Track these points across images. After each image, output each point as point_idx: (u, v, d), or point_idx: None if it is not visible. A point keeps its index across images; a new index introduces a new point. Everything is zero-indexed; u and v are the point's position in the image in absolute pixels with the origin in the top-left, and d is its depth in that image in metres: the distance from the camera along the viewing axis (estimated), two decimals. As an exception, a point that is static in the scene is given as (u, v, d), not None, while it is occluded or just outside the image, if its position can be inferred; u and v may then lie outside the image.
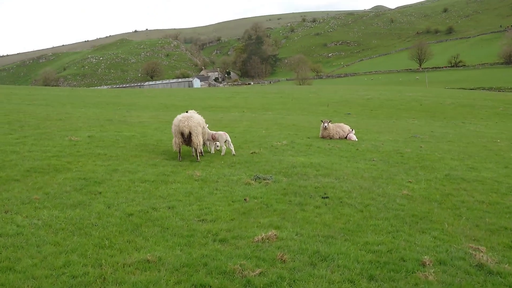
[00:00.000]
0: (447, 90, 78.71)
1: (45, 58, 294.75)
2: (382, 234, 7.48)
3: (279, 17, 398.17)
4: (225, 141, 14.22)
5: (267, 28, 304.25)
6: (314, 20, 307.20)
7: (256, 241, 6.87)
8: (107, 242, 6.67)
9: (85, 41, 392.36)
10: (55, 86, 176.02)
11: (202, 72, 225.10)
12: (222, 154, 14.08)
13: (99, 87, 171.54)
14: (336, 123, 20.66)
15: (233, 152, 14.25)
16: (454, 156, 15.78)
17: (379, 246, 6.89)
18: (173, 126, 13.35)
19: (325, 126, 19.70)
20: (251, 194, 9.56)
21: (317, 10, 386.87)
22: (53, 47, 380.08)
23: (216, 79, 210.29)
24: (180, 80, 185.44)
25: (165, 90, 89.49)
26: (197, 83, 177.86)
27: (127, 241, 6.77)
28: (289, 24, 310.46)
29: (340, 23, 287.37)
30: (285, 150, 15.76)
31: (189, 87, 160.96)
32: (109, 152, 13.52)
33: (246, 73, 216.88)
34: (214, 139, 14.36)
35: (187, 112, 14.89)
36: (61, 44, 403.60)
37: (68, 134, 16.37)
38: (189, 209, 8.48)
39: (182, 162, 12.74)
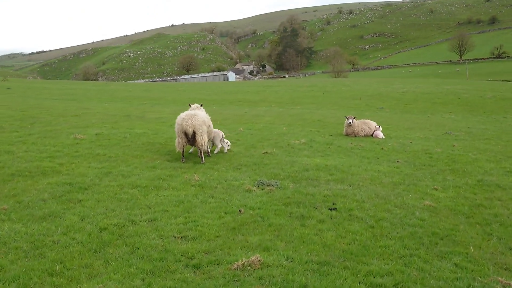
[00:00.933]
0: (488, 83, 74.93)
1: (85, 53, 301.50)
2: (392, 260, 6.22)
3: (315, 9, 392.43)
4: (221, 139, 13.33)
5: (303, 20, 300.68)
6: (350, 12, 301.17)
7: (234, 269, 5.75)
8: (59, 267, 5.70)
9: (124, 35, 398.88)
10: (94, 80, 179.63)
11: (237, 66, 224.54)
12: (215, 151, 13.26)
13: (136, 81, 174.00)
14: (362, 120, 19.22)
15: (225, 150, 13.47)
16: (490, 157, 14.14)
17: (385, 277, 5.65)
18: (176, 126, 12.29)
19: (350, 122, 18.32)
20: (248, 204, 8.45)
21: (354, 2, 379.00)
22: (93, 42, 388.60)
23: (251, 73, 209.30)
24: (215, 73, 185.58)
25: (197, 84, 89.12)
26: (231, 76, 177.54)
27: (83, 266, 5.79)
28: (325, 16, 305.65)
29: (377, 15, 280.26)
30: (302, 149, 14.53)
31: (224, 80, 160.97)
32: (109, 152, 12.67)
33: (281, 66, 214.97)
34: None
35: (190, 106, 13.93)
36: (101, 39, 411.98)
37: (76, 132, 15.66)
38: (172, 222, 7.44)
39: (184, 164, 11.73)
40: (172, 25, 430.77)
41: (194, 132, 11.92)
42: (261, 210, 8.17)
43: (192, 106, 14.20)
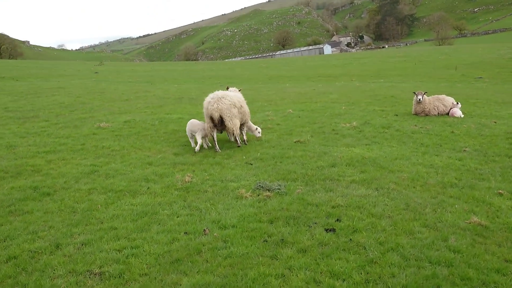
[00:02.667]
0: None
1: (186, 34, 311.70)
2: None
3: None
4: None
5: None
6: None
7: None
8: None
9: (222, 14, 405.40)
10: (194, 60, 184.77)
11: (334, 38, 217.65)
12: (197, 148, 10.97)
13: (233, 59, 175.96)
14: (435, 96, 16.01)
15: (205, 146, 11.24)
16: None
17: None
18: (204, 110, 10.91)
19: (419, 99, 15.30)
20: (224, 219, 6.49)
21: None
22: (194, 23, 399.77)
23: (348, 44, 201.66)
24: (310, 47, 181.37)
25: (281, 60, 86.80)
26: (327, 49, 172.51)
27: None
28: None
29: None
30: (346, 136, 12.09)
31: (319, 54, 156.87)
32: (118, 144, 11.36)
33: (380, 36, 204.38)
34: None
35: (227, 89, 12.39)
36: (201, 20, 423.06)
37: (106, 119, 14.67)
38: (106, 248, 5.73)
39: (189, 159, 9.98)
40: (269, 1, 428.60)
41: (221, 117, 10.52)
42: (233, 229, 6.16)
43: (230, 89, 12.35)
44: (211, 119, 10.57)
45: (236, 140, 11.26)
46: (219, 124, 10.66)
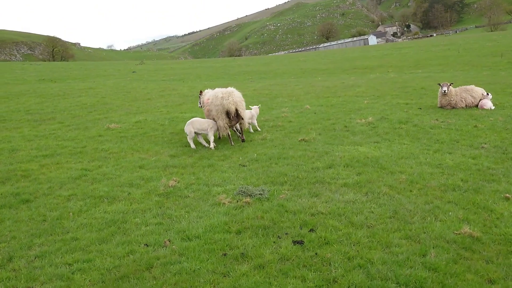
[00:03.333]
0: None
1: (230, 30, 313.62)
2: None
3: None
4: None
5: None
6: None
7: None
8: None
9: (266, 9, 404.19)
10: (238, 56, 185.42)
11: (379, 28, 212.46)
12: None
13: (276, 54, 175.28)
14: (463, 86, 14.90)
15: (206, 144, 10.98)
16: None
17: None
18: (213, 107, 10.77)
19: (444, 91, 14.27)
20: (189, 230, 6.07)
21: None
22: (237, 19, 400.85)
23: (394, 34, 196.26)
24: (355, 39, 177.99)
25: (321, 52, 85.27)
26: (372, 40, 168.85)
27: None
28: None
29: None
30: (357, 133, 11.38)
31: (364, 45, 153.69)
32: (116, 146, 11.19)
33: (428, 24, 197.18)
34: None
35: (200, 92, 12.36)
36: (244, 15, 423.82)
37: (118, 120, 14.61)
38: (53, 261, 5.43)
39: (184, 161, 9.61)
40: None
41: (236, 110, 10.59)
42: (196, 241, 5.72)
43: (229, 88, 12.03)
44: (227, 113, 10.52)
45: (242, 134, 11.32)
46: (235, 117, 10.66)
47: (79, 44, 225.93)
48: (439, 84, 14.66)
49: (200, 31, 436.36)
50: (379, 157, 8.94)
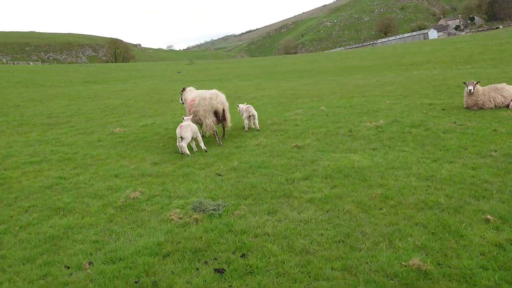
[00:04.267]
0: None
1: (286, 28, 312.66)
2: None
3: None
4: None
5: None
6: None
7: None
8: None
9: (323, 5, 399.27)
10: (294, 53, 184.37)
11: (441, 22, 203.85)
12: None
13: (332, 50, 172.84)
14: (493, 85, 13.52)
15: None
16: None
17: None
18: (201, 107, 11.16)
19: (469, 90, 13.03)
20: (119, 251, 5.61)
21: None
22: (294, 16, 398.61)
23: (457, 27, 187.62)
24: (414, 33, 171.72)
25: (371, 49, 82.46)
26: (433, 34, 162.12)
27: None
28: None
29: None
30: (358, 138, 10.53)
31: (424, 39, 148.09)
32: (106, 152, 11.06)
33: (494, 16, 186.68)
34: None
35: (183, 89, 12.58)
36: (301, 12, 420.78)
37: (126, 124, 14.50)
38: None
39: (163, 169, 9.19)
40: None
41: (223, 110, 11.26)
42: (117, 264, 5.26)
43: (188, 88, 12.70)
44: (215, 113, 11.08)
45: (223, 135, 11.90)
46: (222, 117, 11.25)
47: (140, 45, 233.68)
48: (464, 82, 13.42)
49: (257, 29, 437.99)
50: (366, 167, 8.11)
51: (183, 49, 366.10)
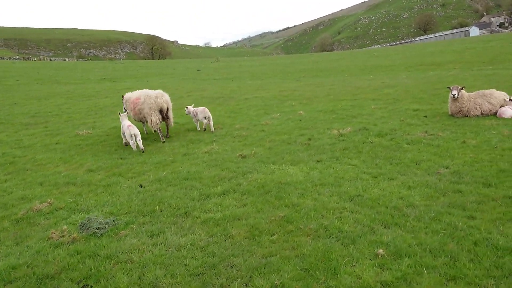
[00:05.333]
0: None
1: (323, 25, 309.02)
2: None
3: None
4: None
5: None
6: None
7: None
8: None
9: (362, 2, 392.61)
10: (330, 51, 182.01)
11: (484, 19, 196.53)
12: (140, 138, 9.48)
13: (368, 48, 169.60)
14: (480, 91, 12.44)
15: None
16: None
17: None
18: (146, 105, 11.69)
19: (453, 95, 12.03)
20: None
21: None
22: (332, 13, 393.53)
23: (500, 25, 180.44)
24: (455, 31, 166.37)
25: (399, 47, 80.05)
26: (474, 31, 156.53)
27: None
28: None
29: None
30: (311, 148, 9.82)
31: (465, 37, 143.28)
32: (49, 156, 10.75)
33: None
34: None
35: (123, 96, 12.90)
36: (339, 9, 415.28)
37: (97, 126, 14.22)
38: None
39: (93, 177, 8.75)
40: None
41: (167, 108, 11.90)
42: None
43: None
44: (161, 111, 11.70)
45: (167, 133, 12.39)
46: (166, 116, 11.92)
47: (177, 42, 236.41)
48: (448, 87, 12.40)
49: (294, 26, 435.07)
50: (293, 183, 7.41)
51: (220, 46, 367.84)
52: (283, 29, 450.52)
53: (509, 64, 29.15)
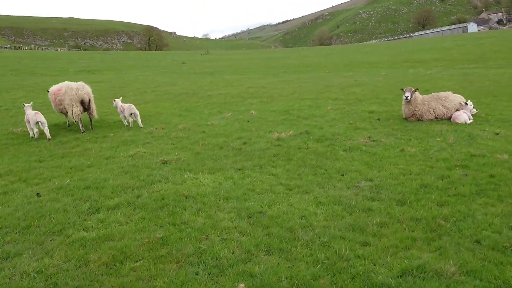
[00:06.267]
0: None
1: (322, 18, 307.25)
2: None
3: None
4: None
5: None
6: None
7: None
8: None
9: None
10: (328, 45, 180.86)
11: (482, 15, 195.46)
12: None
13: (366, 42, 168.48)
14: (435, 94, 11.82)
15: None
16: None
17: None
18: (66, 96, 11.95)
19: (406, 97, 11.40)
20: None
21: None
22: (332, 7, 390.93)
23: (499, 21, 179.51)
24: (453, 27, 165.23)
25: (391, 43, 79.25)
26: (472, 28, 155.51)
27: None
28: None
29: None
30: (241, 154, 9.17)
31: (463, 33, 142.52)
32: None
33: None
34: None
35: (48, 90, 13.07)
36: (339, 3, 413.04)
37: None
38: None
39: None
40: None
41: (89, 100, 12.15)
42: None
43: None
44: (82, 102, 11.94)
45: (91, 124, 12.53)
46: (87, 107, 12.14)
47: (174, 33, 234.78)
48: (402, 89, 11.74)
49: (294, 19, 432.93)
50: (198, 195, 6.78)
51: (219, 38, 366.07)
52: (283, 22, 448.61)
53: (493, 63, 28.52)
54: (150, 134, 11.46)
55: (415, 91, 11.42)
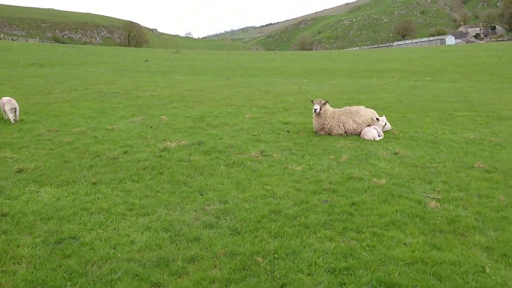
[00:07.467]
0: None
1: (305, 23, 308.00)
2: None
3: None
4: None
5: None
6: None
7: None
8: None
9: (345, 3, 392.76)
10: (309, 50, 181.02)
11: (461, 28, 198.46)
12: None
13: (346, 50, 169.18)
14: (347, 107, 11.22)
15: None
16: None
17: None
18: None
19: (315, 110, 10.74)
20: None
21: None
22: (315, 12, 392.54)
23: (476, 36, 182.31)
24: (431, 38, 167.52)
25: (364, 52, 79.58)
26: (450, 40, 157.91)
27: None
28: None
29: None
30: (110, 165, 8.35)
31: (441, 44, 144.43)
32: None
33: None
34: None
35: None
36: (323, 9, 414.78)
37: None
38: None
39: None
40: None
41: None
42: None
43: None
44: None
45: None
46: None
47: (156, 30, 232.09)
48: (312, 101, 11.09)
49: (277, 23, 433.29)
50: (17, 214, 5.93)
51: (202, 37, 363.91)
52: (266, 25, 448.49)
53: (448, 77, 28.35)
54: (38, 137, 10.54)
55: (325, 103, 10.78)
